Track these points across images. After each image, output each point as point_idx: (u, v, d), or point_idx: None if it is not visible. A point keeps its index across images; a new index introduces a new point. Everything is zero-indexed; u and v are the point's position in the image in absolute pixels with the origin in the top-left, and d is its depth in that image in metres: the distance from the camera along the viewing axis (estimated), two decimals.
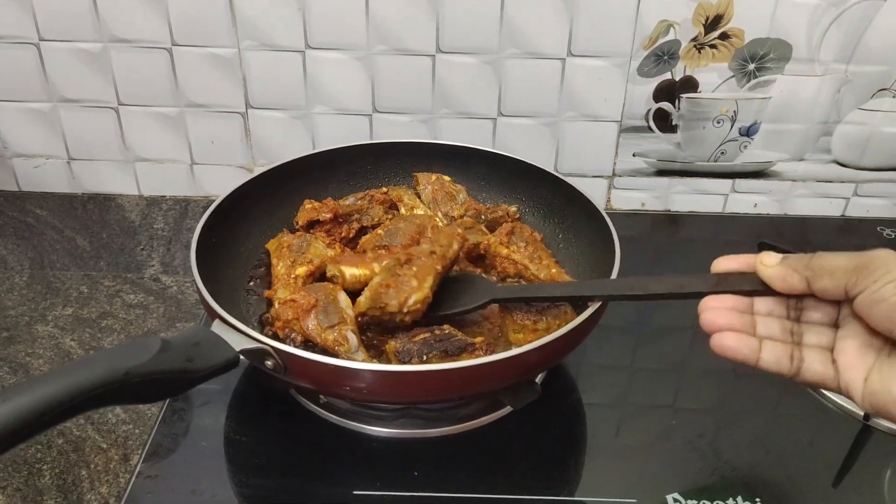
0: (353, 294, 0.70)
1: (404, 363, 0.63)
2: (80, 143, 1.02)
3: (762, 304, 0.53)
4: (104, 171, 1.05)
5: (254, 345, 0.57)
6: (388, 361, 0.66)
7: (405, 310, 0.65)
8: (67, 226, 1.00)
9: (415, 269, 0.67)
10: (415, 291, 0.66)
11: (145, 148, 1.03)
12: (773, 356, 0.51)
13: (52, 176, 1.05)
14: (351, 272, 0.72)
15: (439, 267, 0.69)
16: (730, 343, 0.51)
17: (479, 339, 0.65)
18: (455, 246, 0.72)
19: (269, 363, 0.58)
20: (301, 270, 0.73)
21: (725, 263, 0.55)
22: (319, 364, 0.57)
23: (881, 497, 0.64)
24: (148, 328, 0.83)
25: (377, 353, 0.68)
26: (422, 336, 0.64)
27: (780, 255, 0.51)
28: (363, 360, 0.65)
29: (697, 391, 0.76)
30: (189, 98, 0.98)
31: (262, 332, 0.59)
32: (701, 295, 0.55)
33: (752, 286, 0.53)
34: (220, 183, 1.04)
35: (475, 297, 0.69)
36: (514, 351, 0.59)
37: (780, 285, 0.50)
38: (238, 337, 0.58)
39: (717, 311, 0.53)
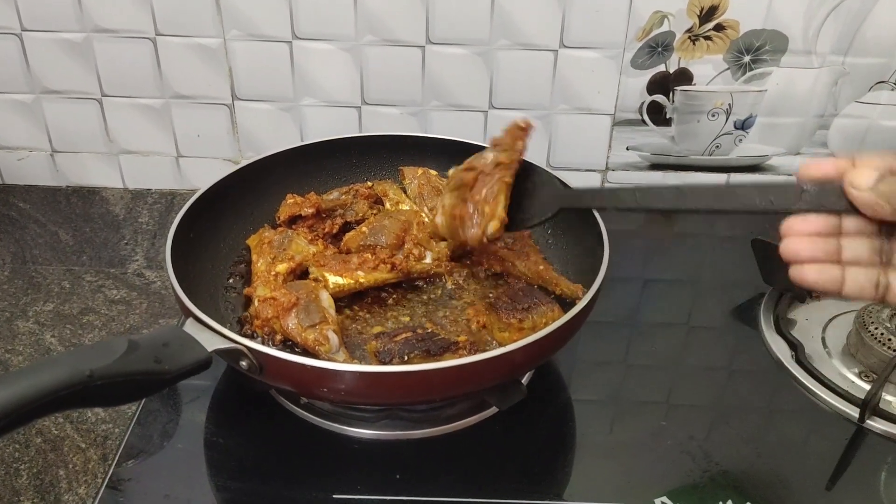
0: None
1: (385, 364, 0.61)
2: (64, 135, 1.01)
3: (851, 221, 0.48)
4: (88, 164, 1.03)
5: (228, 345, 0.56)
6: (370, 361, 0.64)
7: (485, 240, 0.63)
8: (50, 219, 0.99)
9: (484, 192, 0.63)
10: (490, 220, 0.63)
11: (130, 140, 1.01)
12: (856, 286, 0.48)
13: (36, 168, 1.03)
14: (334, 280, 0.70)
15: (508, 178, 0.64)
16: (810, 277, 0.49)
17: (462, 339, 0.63)
18: (520, 144, 0.66)
19: (243, 364, 0.57)
20: (282, 267, 0.72)
21: (814, 170, 0.49)
22: (296, 365, 0.55)
23: (876, 501, 0.63)
24: (130, 325, 0.81)
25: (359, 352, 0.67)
26: (403, 336, 0.63)
27: (875, 174, 0.46)
28: (344, 361, 0.64)
29: (689, 391, 0.75)
30: (174, 89, 0.97)
31: (240, 331, 0.58)
32: (787, 212, 0.50)
33: (841, 205, 0.48)
34: (206, 176, 1.01)
35: (543, 206, 0.64)
36: (498, 351, 0.57)
37: (871, 213, 0.47)
38: (211, 336, 0.56)
39: (801, 239, 0.49)
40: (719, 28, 0.91)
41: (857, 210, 0.47)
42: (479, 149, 0.86)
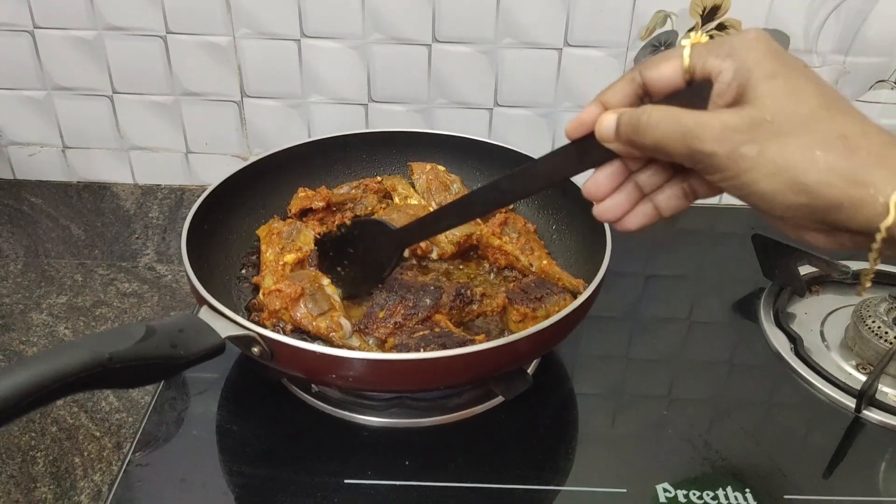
0: None
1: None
2: (75, 131, 1.02)
3: (632, 161, 0.49)
4: (99, 160, 1.05)
5: (240, 331, 0.57)
6: None
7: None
8: (62, 214, 1.00)
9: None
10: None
11: (140, 136, 1.03)
12: (669, 207, 0.49)
13: (47, 164, 1.05)
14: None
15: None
16: (632, 225, 0.50)
17: (479, 337, 0.65)
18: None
19: (255, 350, 0.58)
20: (289, 258, 0.73)
21: (575, 131, 0.49)
22: (306, 351, 0.57)
23: (872, 489, 0.64)
24: (142, 317, 0.83)
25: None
26: (420, 333, 0.64)
27: (612, 121, 0.46)
28: (359, 346, 0.65)
29: (690, 383, 0.76)
30: (184, 86, 0.98)
31: (248, 319, 0.59)
32: (573, 173, 0.51)
33: (612, 154, 0.49)
34: (215, 172, 1.04)
35: (388, 255, 0.68)
36: (503, 340, 0.59)
37: (630, 157, 0.48)
38: (225, 323, 0.58)
39: (605, 204, 0.50)
40: (721, 27, 0.93)
41: None
42: (485, 145, 0.89)
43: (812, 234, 0.43)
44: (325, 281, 0.70)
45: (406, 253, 0.79)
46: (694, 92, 0.44)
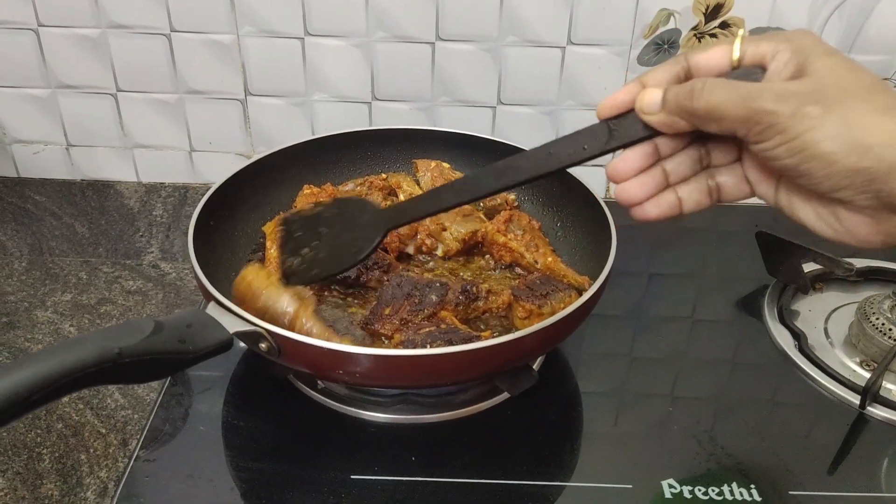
0: None
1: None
2: (79, 129, 1.02)
3: (664, 143, 0.49)
4: (103, 158, 1.05)
5: (247, 327, 0.58)
6: None
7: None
8: (66, 212, 1.00)
9: None
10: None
11: (144, 134, 1.03)
12: (692, 202, 0.50)
13: (51, 162, 1.05)
14: None
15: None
16: (652, 213, 0.50)
17: (486, 334, 0.65)
18: None
19: (262, 346, 0.58)
20: None
21: (610, 107, 0.49)
22: (313, 347, 0.57)
23: (876, 484, 0.65)
24: (147, 314, 0.83)
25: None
26: (427, 329, 0.65)
27: (659, 94, 0.46)
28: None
29: (694, 380, 0.76)
30: (188, 84, 0.98)
31: None
32: (603, 153, 0.50)
33: (647, 131, 0.48)
34: (219, 170, 1.04)
35: (369, 235, 0.63)
36: (508, 336, 0.59)
37: (671, 131, 0.47)
38: (232, 319, 0.58)
39: (630, 183, 0.49)
40: (724, 25, 0.93)
41: (661, 132, 0.47)
42: (490, 143, 0.89)
43: (857, 219, 0.43)
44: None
45: (411, 250, 0.79)
46: (743, 74, 0.44)
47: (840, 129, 0.40)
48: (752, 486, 0.64)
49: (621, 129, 0.48)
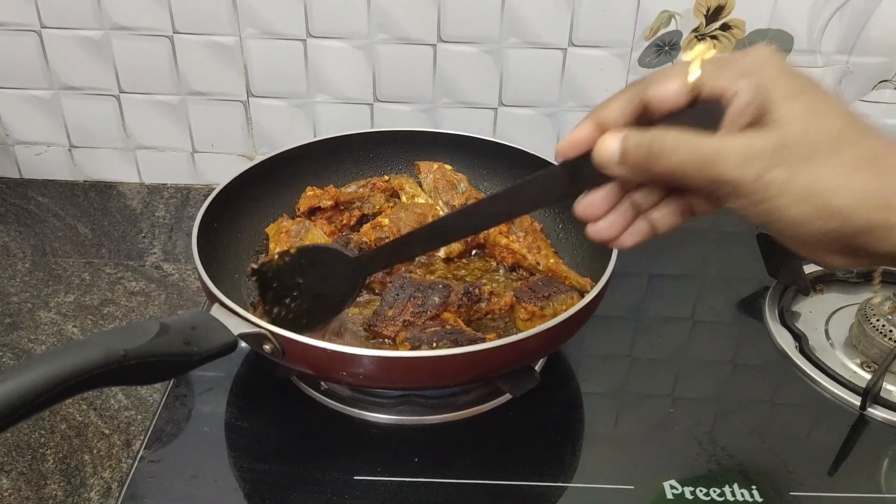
0: None
1: (415, 349, 0.63)
2: (82, 130, 1.03)
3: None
4: (105, 159, 1.05)
5: (252, 329, 0.58)
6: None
7: None
8: (69, 213, 1.01)
9: None
10: None
11: (146, 136, 1.03)
12: (666, 223, 0.47)
13: (54, 163, 1.05)
14: None
15: None
16: (628, 243, 0.47)
17: (490, 336, 0.65)
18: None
19: (267, 347, 0.59)
20: None
21: (569, 152, 0.46)
22: (317, 349, 0.57)
23: (876, 485, 0.65)
24: (149, 315, 0.83)
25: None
26: (432, 329, 0.65)
27: (616, 146, 0.43)
28: None
29: (695, 381, 0.76)
30: (190, 86, 0.98)
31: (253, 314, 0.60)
32: (563, 196, 0.48)
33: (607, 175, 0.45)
34: (221, 171, 1.04)
35: (348, 286, 0.62)
36: (511, 338, 0.59)
37: (635, 181, 0.45)
38: (236, 321, 0.58)
39: (601, 224, 0.47)
40: (725, 27, 0.93)
41: None
42: (492, 144, 0.89)
43: (832, 257, 0.42)
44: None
45: None
46: (700, 112, 0.41)
47: (807, 195, 0.38)
48: (753, 486, 0.64)
49: (583, 172, 0.45)
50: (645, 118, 0.43)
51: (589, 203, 0.47)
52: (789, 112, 0.39)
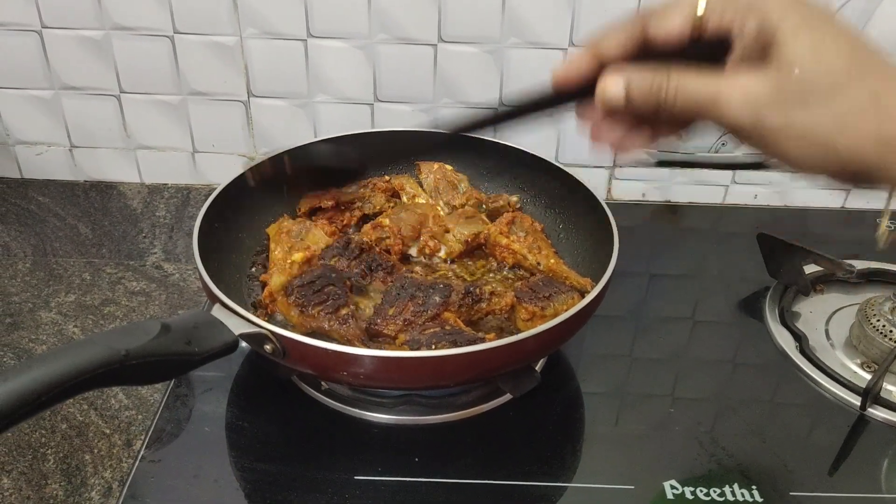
0: None
1: (414, 350, 0.63)
2: (82, 130, 1.03)
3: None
4: (106, 159, 1.05)
5: (253, 329, 0.58)
6: None
7: None
8: (69, 213, 1.01)
9: None
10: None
11: (147, 136, 1.03)
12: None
13: (54, 163, 1.05)
14: None
15: None
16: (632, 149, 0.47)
17: (490, 336, 0.65)
18: None
19: (268, 347, 0.59)
20: (298, 256, 0.74)
21: (565, 80, 0.46)
22: (318, 349, 0.57)
23: (876, 485, 0.65)
24: (150, 315, 0.83)
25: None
26: (432, 330, 0.65)
27: (621, 85, 0.43)
28: None
29: (695, 381, 0.76)
30: (191, 86, 0.98)
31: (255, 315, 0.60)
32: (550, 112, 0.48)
33: None
34: (221, 171, 1.05)
35: None
36: (511, 338, 0.59)
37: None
38: (238, 321, 0.58)
39: (603, 133, 0.47)
40: None
41: None
42: (492, 144, 0.89)
43: (835, 181, 0.42)
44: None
45: (414, 252, 0.79)
46: (706, 47, 0.41)
47: (804, 136, 0.39)
48: (754, 486, 0.64)
49: (573, 93, 0.46)
50: (646, 52, 0.43)
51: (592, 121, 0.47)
52: (793, 51, 0.38)
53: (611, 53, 0.44)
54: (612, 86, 0.43)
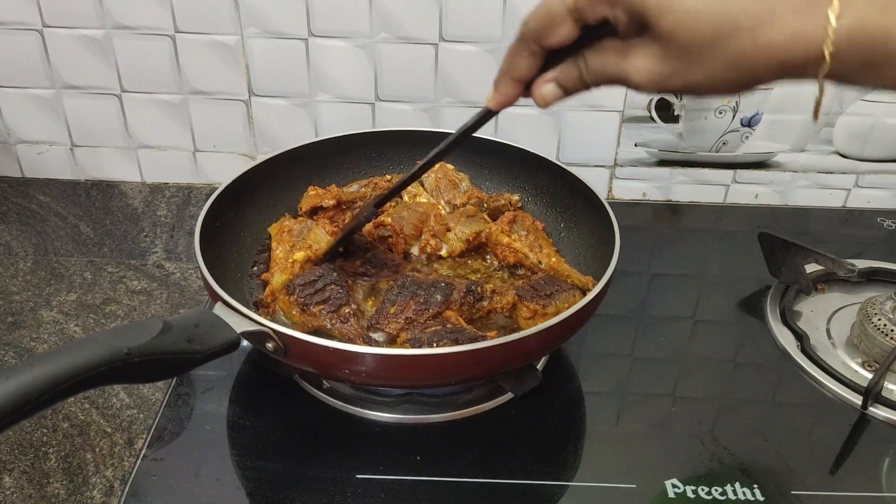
0: None
1: (415, 348, 0.63)
2: (83, 129, 1.03)
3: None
4: (107, 158, 1.05)
5: (254, 327, 0.58)
6: None
7: None
8: (71, 212, 1.01)
9: None
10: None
11: (148, 135, 1.03)
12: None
13: (56, 162, 1.05)
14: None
15: None
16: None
17: (492, 334, 0.65)
18: None
19: (269, 345, 0.59)
20: (299, 255, 0.74)
21: (502, 105, 0.55)
22: (319, 346, 0.57)
23: (877, 484, 0.65)
24: (151, 314, 0.83)
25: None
26: (433, 328, 0.65)
27: (555, 90, 0.51)
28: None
29: (697, 380, 0.76)
30: (192, 85, 0.99)
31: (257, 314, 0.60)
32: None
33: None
34: (222, 170, 1.05)
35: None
36: (512, 336, 0.59)
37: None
38: (239, 319, 0.59)
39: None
40: None
41: None
42: (493, 144, 0.89)
43: None
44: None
45: (416, 251, 0.79)
46: (595, 29, 0.47)
47: (709, 83, 0.44)
48: (755, 485, 0.64)
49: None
50: (554, 57, 0.50)
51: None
52: (666, 24, 0.43)
53: (528, 75, 0.51)
54: (547, 90, 0.51)
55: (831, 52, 0.40)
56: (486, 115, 0.58)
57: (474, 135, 0.88)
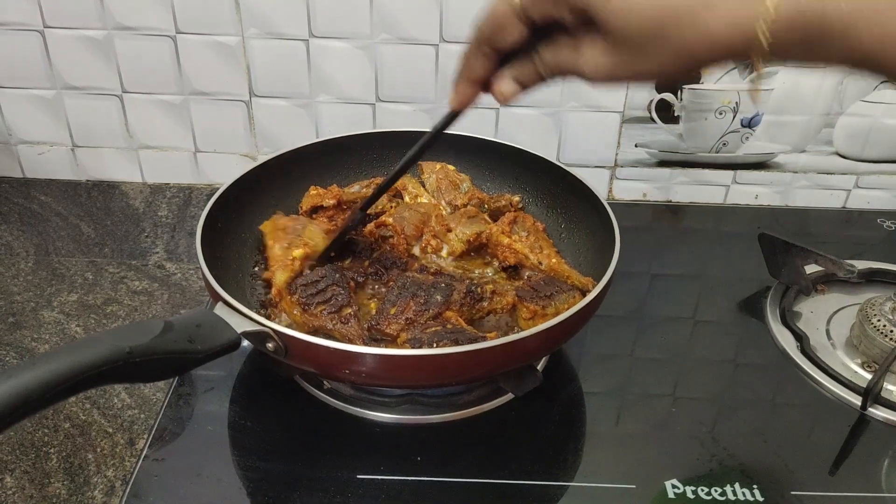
0: None
1: (415, 348, 0.63)
2: (85, 130, 1.03)
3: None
4: (108, 159, 1.05)
5: (255, 327, 0.58)
6: None
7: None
8: (72, 213, 1.01)
9: None
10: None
11: (149, 135, 1.03)
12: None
13: (57, 163, 1.06)
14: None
15: None
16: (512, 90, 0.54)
17: (492, 335, 0.65)
18: None
19: (269, 345, 0.59)
20: (298, 252, 0.74)
21: (463, 105, 0.57)
22: (319, 347, 0.57)
23: (877, 485, 0.65)
24: (152, 315, 0.84)
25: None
26: (433, 329, 0.65)
27: (515, 85, 0.52)
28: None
29: (697, 380, 0.76)
30: (193, 86, 0.99)
31: (263, 316, 0.60)
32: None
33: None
34: (223, 171, 1.05)
35: None
36: (512, 336, 0.59)
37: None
38: (240, 319, 0.59)
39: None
40: None
41: None
42: (494, 144, 0.89)
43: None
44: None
45: (417, 251, 0.80)
46: (547, 26, 0.48)
47: (658, 73, 0.46)
48: (755, 486, 0.64)
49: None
50: (509, 56, 0.52)
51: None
52: (610, 21, 0.44)
53: (485, 76, 0.53)
54: (505, 86, 0.53)
55: (770, 35, 0.41)
56: (452, 116, 0.60)
57: (475, 136, 0.91)
